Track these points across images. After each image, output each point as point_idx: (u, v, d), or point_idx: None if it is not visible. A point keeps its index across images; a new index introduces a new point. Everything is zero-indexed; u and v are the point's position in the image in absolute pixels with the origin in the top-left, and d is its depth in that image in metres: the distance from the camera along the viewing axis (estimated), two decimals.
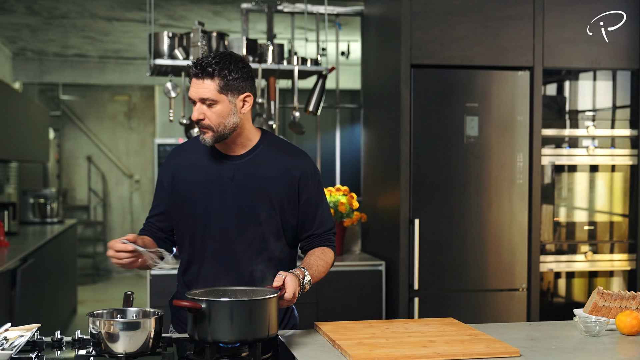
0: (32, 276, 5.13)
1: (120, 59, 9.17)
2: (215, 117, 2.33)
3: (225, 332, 2.00)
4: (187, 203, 2.47)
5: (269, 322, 2.06)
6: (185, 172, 2.49)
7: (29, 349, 2.12)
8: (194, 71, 2.32)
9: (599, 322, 2.40)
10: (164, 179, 2.54)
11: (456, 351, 2.09)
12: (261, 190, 2.44)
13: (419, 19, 4.27)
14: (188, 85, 4.77)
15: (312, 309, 4.43)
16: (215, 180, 2.45)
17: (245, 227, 2.42)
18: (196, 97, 2.33)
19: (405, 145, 4.28)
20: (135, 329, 1.94)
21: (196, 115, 2.34)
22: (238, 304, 2.03)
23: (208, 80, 2.30)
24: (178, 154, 2.57)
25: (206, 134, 2.36)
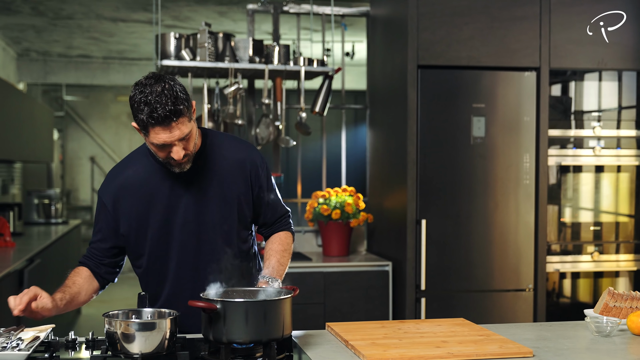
0: (38, 277, 5.14)
1: (125, 60, 9.19)
2: (192, 145, 2.29)
3: (240, 332, 2.01)
4: (139, 223, 2.41)
5: (284, 322, 2.06)
6: (132, 191, 2.40)
7: (43, 349, 2.13)
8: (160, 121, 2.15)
9: (610, 322, 2.40)
10: (107, 202, 2.42)
11: (469, 351, 2.10)
12: (215, 192, 2.42)
13: (426, 19, 4.27)
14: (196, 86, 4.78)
15: (319, 309, 4.44)
16: (167, 194, 2.40)
17: (205, 235, 2.42)
18: (176, 139, 2.21)
19: (412, 146, 4.29)
20: (151, 330, 1.95)
21: (179, 156, 2.23)
22: (253, 305, 2.04)
23: (180, 119, 2.19)
24: (118, 174, 2.45)
25: (184, 164, 2.31)
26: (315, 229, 5.09)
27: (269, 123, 4.78)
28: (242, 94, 4.70)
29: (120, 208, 2.41)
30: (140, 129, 2.24)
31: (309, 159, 6.26)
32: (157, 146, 2.23)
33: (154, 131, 2.19)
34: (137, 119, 2.21)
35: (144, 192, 2.40)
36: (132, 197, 2.41)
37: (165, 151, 2.25)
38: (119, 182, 2.43)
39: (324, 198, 4.80)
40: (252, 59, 4.68)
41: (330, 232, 4.78)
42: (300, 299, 4.44)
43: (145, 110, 2.16)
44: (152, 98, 2.16)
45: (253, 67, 4.64)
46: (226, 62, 4.59)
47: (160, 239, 2.42)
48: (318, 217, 4.76)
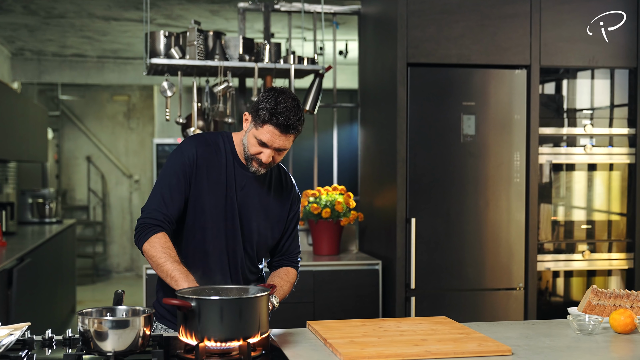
0: (29, 276, 5.13)
1: (119, 59, 9.17)
2: (280, 159, 2.50)
3: (215, 330, 1.99)
4: (199, 199, 2.51)
5: (260, 320, 2.04)
6: (204, 167, 2.53)
7: (19, 348, 2.11)
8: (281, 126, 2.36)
9: (592, 320, 2.39)
10: (187, 165, 2.51)
11: (448, 349, 2.08)
12: (264, 203, 2.59)
13: (416, 17, 4.25)
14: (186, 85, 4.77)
15: (309, 308, 4.42)
16: (227, 183, 2.53)
17: (243, 233, 2.55)
18: (276, 147, 2.41)
19: (402, 144, 4.27)
20: (124, 328, 1.93)
21: (268, 160, 2.42)
22: (228, 302, 2.02)
23: (293, 135, 2.42)
24: (202, 145, 2.56)
25: (262, 168, 2.49)
26: (305, 228, 5.07)
27: None
28: (232, 92, 4.68)
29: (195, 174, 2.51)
30: (253, 119, 2.42)
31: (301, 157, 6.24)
32: (259, 141, 2.41)
33: (268, 129, 2.38)
34: (260, 110, 2.39)
35: (212, 173, 2.52)
36: (203, 172, 2.52)
37: (259, 149, 2.43)
38: (200, 151, 2.53)
39: (314, 197, 4.78)
40: (242, 57, 4.66)
41: (320, 231, 4.76)
42: (289, 298, 4.40)
43: (274, 109, 2.36)
44: (284, 105, 2.38)
45: (243, 65, 4.62)
46: (216, 61, 4.57)
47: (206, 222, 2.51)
48: (308, 215, 4.74)
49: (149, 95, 10.98)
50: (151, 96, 10.88)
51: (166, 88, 4.59)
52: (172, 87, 4.60)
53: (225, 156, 2.55)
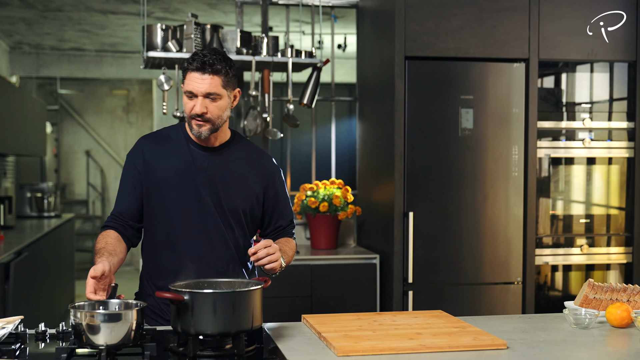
0: (26, 270, 5.12)
1: (118, 53, 9.14)
2: (216, 111, 2.45)
3: (208, 324, 1.98)
4: (159, 190, 2.52)
5: (253, 313, 2.03)
6: (158, 158, 2.54)
7: (12, 341, 2.10)
8: (197, 66, 2.40)
9: (588, 314, 2.37)
10: (137, 163, 2.55)
11: (442, 343, 2.07)
12: (233, 182, 2.56)
13: (414, 10, 4.23)
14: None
15: (306, 302, 4.41)
16: (189, 169, 2.52)
17: (214, 217, 2.53)
18: (201, 91, 2.41)
19: (400, 138, 4.25)
20: (116, 321, 1.91)
21: (200, 109, 2.41)
22: (221, 296, 2.01)
23: (215, 75, 2.41)
24: (149, 141, 2.60)
25: (203, 127, 2.46)
26: (303, 222, 5.05)
27: (257, 115, 4.74)
28: None
29: (147, 172, 2.53)
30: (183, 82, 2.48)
31: (300, 151, 6.22)
32: (187, 94, 2.44)
33: (189, 77, 2.43)
34: (182, 69, 2.49)
35: (169, 162, 2.53)
36: (158, 164, 2.53)
37: (191, 103, 2.44)
38: (148, 148, 2.56)
39: (312, 191, 4.76)
40: (239, 51, 4.64)
41: (318, 225, 4.75)
42: (287, 292, 4.42)
43: (189, 59, 2.44)
44: (201, 52, 2.44)
45: (240, 59, 4.60)
46: None
47: (171, 213, 2.52)
48: (306, 209, 4.73)
49: (148, 89, 10.96)
50: (150, 90, 10.86)
51: (163, 81, 4.57)
52: (170, 80, 4.58)
53: (178, 144, 2.56)
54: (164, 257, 2.55)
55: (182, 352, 2.01)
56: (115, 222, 2.53)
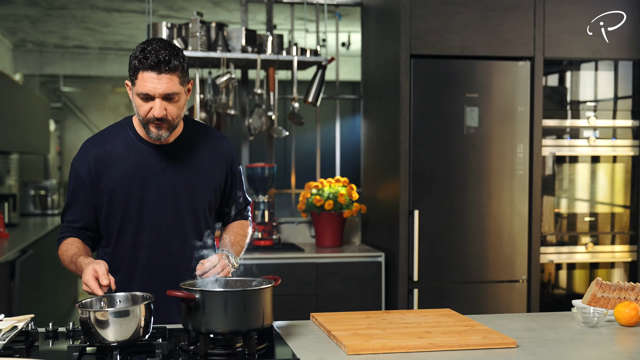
0: (31, 267, 5.13)
1: (121, 50, 9.15)
2: (176, 111, 2.25)
3: (219, 322, 1.98)
4: (115, 198, 2.35)
5: (264, 312, 2.04)
6: (109, 165, 2.34)
7: (23, 340, 2.11)
8: (151, 65, 2.16)
9: (597, 313, 2.38)
10: (84, 175, 2.33)
11: (452, 342, 2.07)
12: (196, 176, 2.41)
13: (419, 8, 4.23)
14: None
15: (311, 300, 4.42)
16: (146, 171, 2.35)
17: (181, 216, 2.39)
18: (159, 93, 2.19)
19: (405, 136, 4.26)
20: (125, 316, 1.91)
21: (159, 112, 2.20)
22: (232, 294, 2.01)
23: (172, 74, 2.19)
24: (96, 146, 2.36)
25: (162, 129, 2.26)
26: (308, 220, 5.06)
27: (262, 113, 4.75)
28: (234, 84, 4.67)
29: (97, 180, 2.34)
30: (130, 81, 2.24)
31: (304, 149, 6.23)
32: (141, 96, 2.21)
33: (142, 77, 2.18)
34: (129, 67, 2.21)
35: (121, 167, 2.34)
36: (109, 170, 2.34)
37: (147, 106, 2.22)
38: (96, 154, 2.34)
39: (317, 189, 4.77)
40: (244, 49, 4.64)
41: (323, 223, 4.75)
42: (292, 290, 4.42)
43: (139, 56, 2.18)
44: (151, 47, 2.19)
45: (245, 57, 4.60)
46: (218, 52, 4.55)
47: (132, 218, 2.37)
48: (311, 207, 4.73)
49: None
50: None
51: None
52: None
53: (128, 145, 2.35)
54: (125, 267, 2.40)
55: (193, 350, 2.02)
56: (73, 232, 2.37)
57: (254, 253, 4.43)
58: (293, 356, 1.99)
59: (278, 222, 5.01)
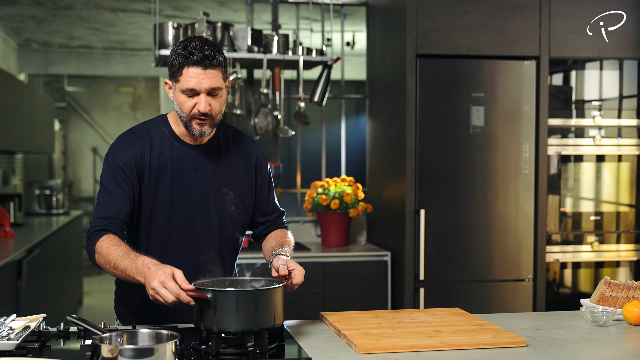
0: (38, 267, 5.14)
1: (125, 50, 9.16)
2: (219, 106, 2.28)
3: (230, 322, 1.99)
4: (146, 195, 2.35)
5: (275, 312, 2.05)
6: (147, 162, 2.34)
7: (35, 339, 2.12)
8: (197, 60, 2.18)
9: (605, 312, 2.39)
10: (124, 167, 2.31)
11: (462, 341, 2.08)
12: (225, 178, 2.41)
13: (425, 8, 4.24)
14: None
15: (318, 299, 4.43)
16: (178, 170, 2.36)
17: (208, 219, 2.39)
18: (205, 88, 2.22)
19: (411, 136, 4.27)
20: None
21: (205, 107, 2.22)
22: (244, 294, 2.02)
23: (216, 69, 2.23)
24: (133, 142, 2.36)
25: (205, 125, 2.28)
26: (314, 219, 5.07)
27: (268, 113, 4.76)
28: (240, 83, 4.68)
29: (137, 174, 2.33)
30: (172, 78, 2.26)
31: (309, 149, 6.24)
32: (186, 92, 2.23)
33: (187, 73, 2.20)
34: (171, 65, 2.23)
35: (154, 164, 2.34)
36: (143, 165, 2.33)
37: (192, 101, 2.24)
38: (137, 149, 2.34)
39: (323, 188, 4.78)
40: (250, 49, 4.65)
41: (329, 222, 4.76)
42: (298, 289, 4.39)
43: (182, 53, 2.20)
44: (193, 44, 2.21)
45: (251, 57, 4.62)
46: (224, 52, 4.56)
47: (160, 215, 2.36)
48: (317, 207, 4.74)
49: (155, 86, 10.99)
50: (157, 87, 10.89)
51: None
52: None
53: (163, 143, 2.35)
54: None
55: (204, 350, 2.03)
56: (112, 226, 2.27)
57: (260, 252, 4.42)
58: (305, 355, 2.00)
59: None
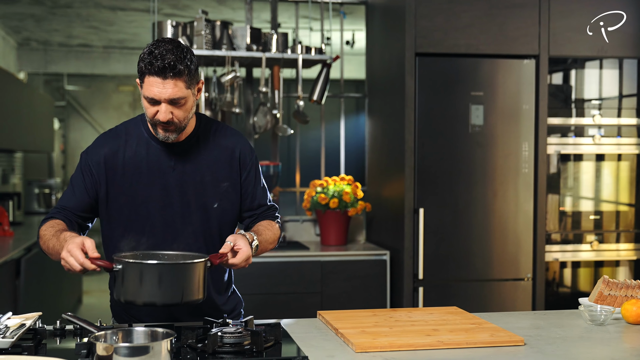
0: (36, 266, 5.14)
1: (125, 49, 9.16)
2: (182, 114, 2.25)
3: (135, 294, 2.03)
4: (123, 195, 2.35)
5: (184, 288, 2.05)
6: (119, 161, 2.35)
7: (30, 337, 2.11)
8: (156, 71, 2.16)
9: (604, 311, 2.38)
10: (93, 166, 2.34)
11: (460, 340, 2.07)
12: (205, 176, 2.40)
13: (424, 7, 4.24)
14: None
15: (316, 298, 4.43)
16: (155, 169, 2.35)
17: (190, 217, 2.38)
18: (164, 98, 2.19)
19: (410, 135, 4.26)
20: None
21: (165, 117, 2.21)
22: (148, 267, 2.03)
23: (177, 79, 2.18)
24: (108, 141, 2.38)
25: (169, 131, 2.27)
26: (313, 218, 5.06)
27: (267, 111, 4.75)
28: (239, 82, 4.67)
29: (105, 174, 2.35)
30: (139, 82, 2.25)
31: (308, 148, 6.23)
32: (147, 100, 2.22)
33: (148, 81, 2.19)
34: (138, 69, 2.23)
35: (131, 163, 2.35)
36: (119, 166, 2.35)
37: (153, 109, 2.23)
38: (108, 147, 2.36)
39: (322, 187, 4.77)
40: (249, 47, 4.64)
41: (328, 221, 4.76)
42: (297, 288, 4.43)
43: (146, 59, 2.18)
44: (158, 50, 2.18)
45: (250, 55, 4.61)
46: (223, 50, 4.56)
47: (139, 214, 2.36)
48: (316, 206, 4.74)
49: None
50: None
51: None
52: None
53: (139, 142, 2.36)
54: None
55: (200, 348, 2.02)
56: (60, 214, 2.32)
57: None
58: (302, 354, 2.00)
59: (283, 220, 5.01)
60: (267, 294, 4.33)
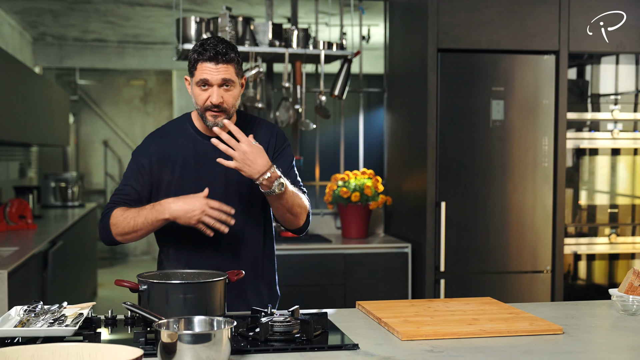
0: (61, 258, 5.22)
1: (140, 44, 9.21)
2: (231, 100, 2.45)
3: (161, 312, 2.10)
4: (174, 188, 2.51)
5: (207, 305, 2.17)
6: (169, 157, 2.53)
7: (88, 326, 2.19)
8: (210, 56, 2.37)
9: (636, 301, 2.45)
10: (145, 164, 2.53)
11: (501, 328, 2.15)
12: None
13: (446, 3, 4.30)
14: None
15: (340, 290, 4.50)
16: (202, 162, 2.53)
17: (234, 204, 2.49)
18: (216, 80, 2.40)
19: (432, 129, 4.33)
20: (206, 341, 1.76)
21: (217, 99, 2.41)
22: (172, 287, 2.16)
23: (228, 64, 2.40)
24: (158, 139, 2.58)
25: (219, 117, 2.44)
26: (334, 212, 5.14)
27: (289, 106, 4.82)
28: (261, 77, 4.74)
29: (156, 170, 2.53)
30: (189, 73, 2.45)
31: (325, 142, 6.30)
32: (200, 84, 2.41)
33: (201, 67, 2.40)
34: (189, 62, 2.44)
35: (180, 159, 2.53)
36: (169, 162, 2.53)
37: (205, 94, 2.42)
38: (158, 145, 2.55)
39: (344, 181, 4.84)
40: (271, 43, 4.71)
41: (349, 215, 4.83)
42: (320, 280, 4.51)
43: (198, 50, 2.41)
44: (209, 42, 2.41)
45: (273, 51, 4.67)
46: (246, 46, 4.63)
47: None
48: (337, 199, 4.81)
49: (165, 79, 11.04)
50: (168, 81, 10.94)
51: None
52: None
53: (186, 138, 2.55)
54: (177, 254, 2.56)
55: (252, 336, 2.09)
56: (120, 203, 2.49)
57: (282, 244, 4.51)
58: (350, 342, 2.06)
59: None
60: (292, 285, 4.41)
